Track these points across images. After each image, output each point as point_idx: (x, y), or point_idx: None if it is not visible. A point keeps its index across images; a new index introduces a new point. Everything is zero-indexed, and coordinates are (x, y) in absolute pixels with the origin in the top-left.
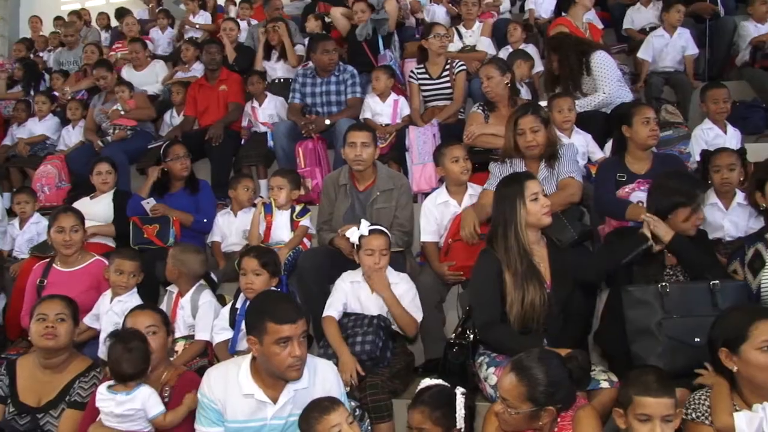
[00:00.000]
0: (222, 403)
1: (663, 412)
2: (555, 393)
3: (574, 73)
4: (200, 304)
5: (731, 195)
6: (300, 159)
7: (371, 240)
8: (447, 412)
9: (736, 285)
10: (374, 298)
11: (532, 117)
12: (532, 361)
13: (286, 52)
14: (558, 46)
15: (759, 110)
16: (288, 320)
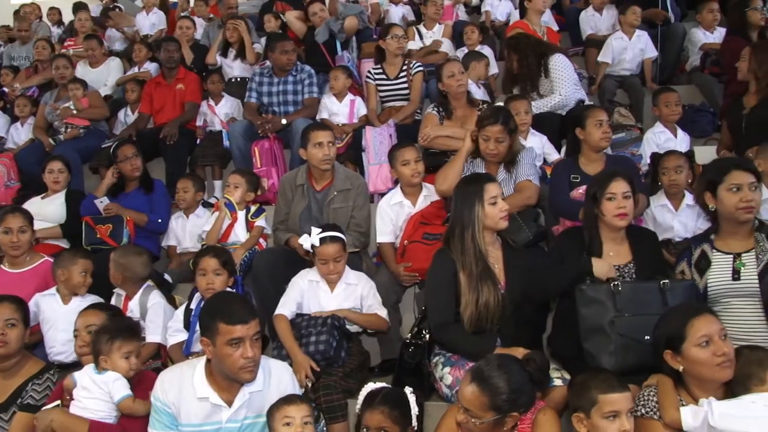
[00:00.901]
0: (176, 406)
1: (628, 406)
2: (518, 399)
3: (532, 73)
4: (149, 306)
5: (681, 196)
6: (256, 159)
7: (323, 249)
8: (404, 412)
9: (684, 284)
10: (333, 298)
11: (500, 128)
12: (493, 370)
13: (245, 50)
14: (517, 46)
15: (707, 114)
16: (240, 321)
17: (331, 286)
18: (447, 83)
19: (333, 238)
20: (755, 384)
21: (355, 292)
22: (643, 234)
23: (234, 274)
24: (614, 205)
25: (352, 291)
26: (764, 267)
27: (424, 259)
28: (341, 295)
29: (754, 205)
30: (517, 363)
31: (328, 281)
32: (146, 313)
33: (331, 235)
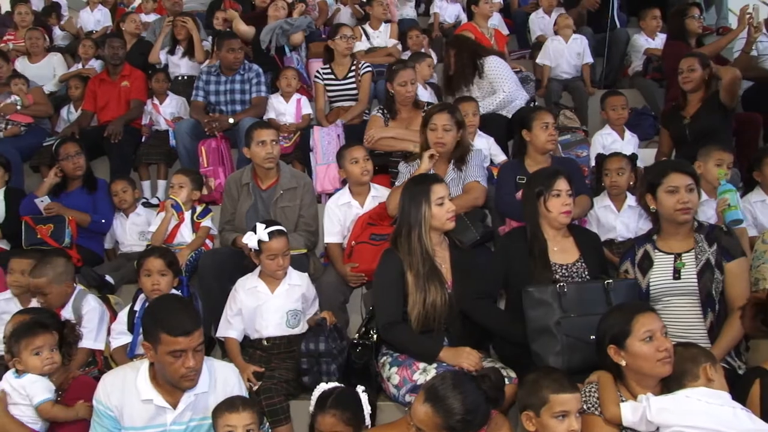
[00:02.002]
0: (119, 409)
1: (577, 406)
2: (473, 420)
3: (466, 73)
4: (84, 312)
5: (623, 198)
6: (203, 158)
7: (272, 244)
8: (356, 412)
9: (627, 283)
10: (275, 298)
11: (447, 115)
12: (447, 390)
13: (194, 48)
14: (456, 44)
15: (649, 117)
16: (183, 332)
17: (272, 287)
18: (398, 90)
19: (280, 231)
20: (689, 380)
21: (298, 293)
22: (587, 234)
23: (179, 275)
24: (560, 202)
25: (294, 291)
26: (703, 266)
27: (372, 259)
28: (283, 296)
29: (691, 206)
30: (472, 381)
31: (273, 279)
32: (81, 319)
33: (278, 229)
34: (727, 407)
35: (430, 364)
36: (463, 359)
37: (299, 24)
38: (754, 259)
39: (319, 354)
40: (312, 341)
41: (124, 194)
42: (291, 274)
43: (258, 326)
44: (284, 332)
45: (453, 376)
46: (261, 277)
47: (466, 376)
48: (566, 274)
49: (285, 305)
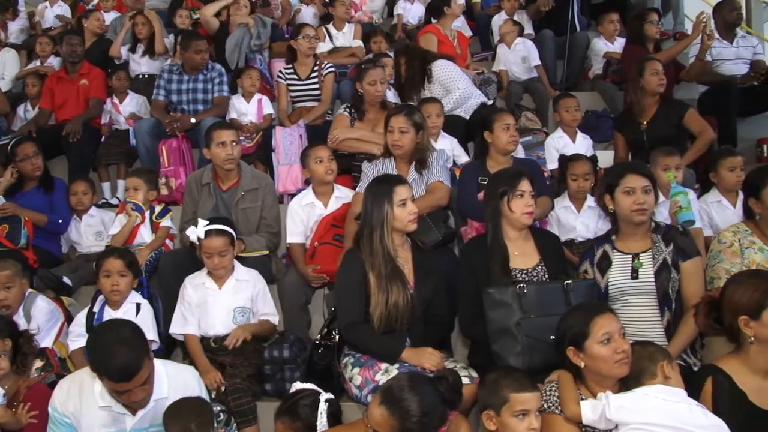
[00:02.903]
0: (76, 416)
1: (537, 405)
2: (429, 422)
3: (416, 81)
4: (34, 313)
5: (583, 198)
6: (163, 158)
7: (208, 242)
8: (310, 422)
9: (586, 283)
10: (221, 294)
11: (404, 118)
12: (403, 392)
13: (155, 43)
14: (405, 51)
15: (608, 120)
16: (123, 379)
17: (219, 283)
18: (367, 89)
19: (219, 231)
20: (647, 378)
21: (246, 289)
22: (548, 237)
23: (139, 276)
24: (524, 203)
25: (242, 287)
26: (660, 266)
27: (334, 260)
28: (230, 292)
29: (647, 207)
30: (429, 383)
31: (215, 278)
32: (31, 320)
33: (216, 228)
34: (682, 404)
35: (392, 365)
36: (425, 359)
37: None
38: (710, 259)
39: (283, 361)
40: (276, 348)
41: (84, 196)
42: (238, 269)
43: (205, 324)
44: (231, 330)
45: (409, 378)
46: (209, 273)
47: (422, 378)
48: (527, 279)
49: (233, 302)
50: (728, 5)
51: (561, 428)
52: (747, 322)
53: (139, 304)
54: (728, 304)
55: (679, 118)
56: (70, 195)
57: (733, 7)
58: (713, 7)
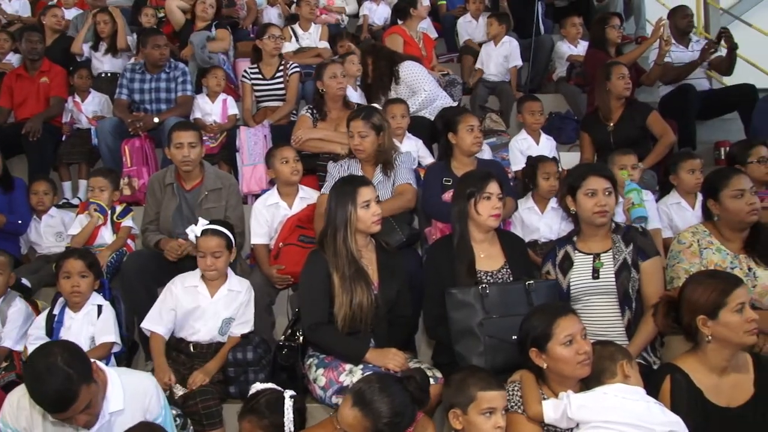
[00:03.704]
0: (28, 430)
1: (503, 404)
2: (400, 422)
3: (384, 82)
4: (9, 312)
5: (547, 200)
6: (126, 158)
7: (203, 241)
8: (276, 419)
9: (548, 284)
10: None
11: (363, 122)
12: (375, 393)
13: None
14: (373, 52)
15: (572, 122)
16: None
17: (212, 290)
18: (327, 83)
19: (215, 231)
20: (607, 377)
21: (236, 300)
22: (513, 239)
23: (100, 277)
24: (491, 205)
25: (233, 298)
26: (620, 266)
27: (299, 261)
28: (221, 302)
29: (608, 209)
30: (398, 383)
31: (208, 281)
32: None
33: (213, 228)
34: (641, 402)
35: (357, 366)
36: (389, 360)
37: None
38: (670, 259)
39: (247, 363)
40: (240, 350)
41: (45, 197)
42: (231, 279)
43: (189, 328)
44: (214, 339)
45: (379, 379)
46: (203, 277)
47: (391, 378)
48: (491, 281)
49: (222, 312)
50: (680, 13)
51: (524, 427)
52: (705, 321)
53: (100, 305)
54: (687, 303)
55: (643, 120)
56: (30, 194)
57: (685, 14)
58: (668, 12)
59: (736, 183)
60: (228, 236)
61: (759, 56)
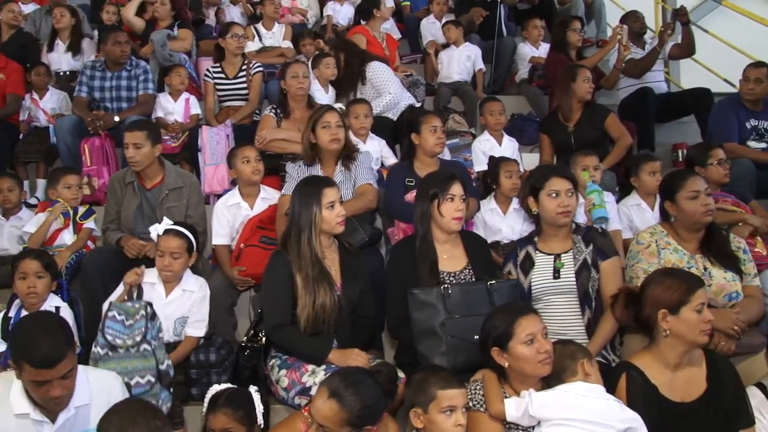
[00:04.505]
0: None
1: (464, 402)
2: (374, 413)
3: (354, 79)
4: None
5: (509, 201)
6: (86, 157)
7: (163, 240)
8: (248, 411)
9: (510, 284)
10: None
11: (336, 113)
12: (350, 386)
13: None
14: (345, 47)
15: (534, 123)
16: (44, 365)
17: (167, 290)
18: (289, 83)
19: (177, 231)
20: (568, 376)
21: (190, 299)
22: (476, 240)
23: (58, 278)
24: (454, 207)
25: (187, 298)
26: (580, 266)
27: (260, 263)
28: (175, 302)
29: (571, 209)
30: (371, 376)
31: (165, 281)
32: None
33: (175, 229)
34: (601, 400)
35: (319, 366)
36: (351, 361)
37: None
38: (629, 259)
39: (209, 365)
40: (202, 352)
41: (10, 194)
42: (187, 279)
43: None
44: (171, 339)
45: (352, 372)
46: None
47: (363, 371)
48: (454, 282)
49: (176, 312)
50: (631, 17)
51: (486, 426)
52: (665, 315)
53: (58, 307)
54: (651, 297)
55: (601, 122)
56: None
57: (636, 18)
58: (620, 18)
59: (691, 185)
60: (189, 239)
61: (714, 61)
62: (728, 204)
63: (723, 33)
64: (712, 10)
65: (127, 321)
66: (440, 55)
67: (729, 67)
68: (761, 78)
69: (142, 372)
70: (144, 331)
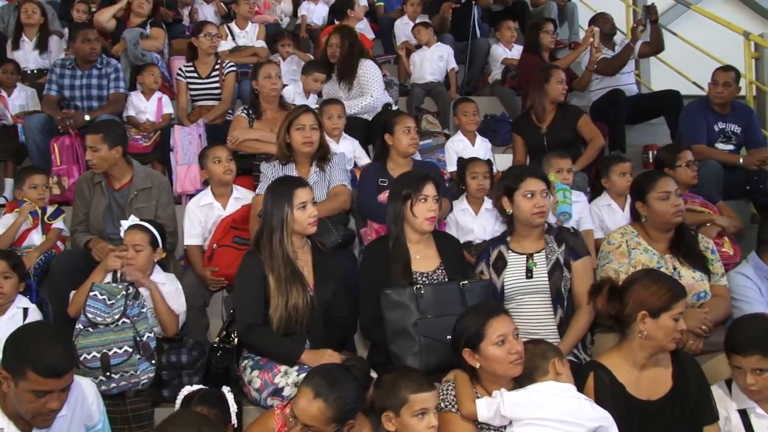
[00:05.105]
0: None
1: (435, 403)
2: (356, 408)
3: (352, 70)
4: None
5: (481, 201)
6: (55, 156)
7: (127, 235)
8: (223, 411)
9: (482, 284)
10: None
11: (312, 116)
12: (333, 384)
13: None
14: (350, 36)
15: (507, 124)
16: (54, 374)
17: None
18: (262, 83)
19: (139, 226)
20: (539, 375)
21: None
22: (449, 240)
23: (26, 279)
24: (426, 207)
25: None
26: (553, 265)
27: (233, 263)
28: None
29: (545, 210)
30: (349, 372)
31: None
32: None
33: (139, 224)
34: (572, 398)
35: (292, 367)
36: (324, 361)
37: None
38: (600, 259)
39: (181, 366)
40: (174, 353)
41: None
42: (157, 273)
43: None
44: None
45: (332, 369)
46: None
47: (341, 368)
48: (427, 282)
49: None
50: (601, 19)
51: (457, 426)
52: (645, 317)
53: (26, 308)
54: (634, 298)
55: (574, 123)
56: None
57: (606, 20)
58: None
59: (662, 185)
60: (153, 233)
61: (683, 64)
62: (696, 205)
63: (692, 37)
64: (681, 14)
65: (109, 300)
66: (413, 56)
67: (697, 70)
68: (729, 82)
69: (119, 343)
70: (123, 309)
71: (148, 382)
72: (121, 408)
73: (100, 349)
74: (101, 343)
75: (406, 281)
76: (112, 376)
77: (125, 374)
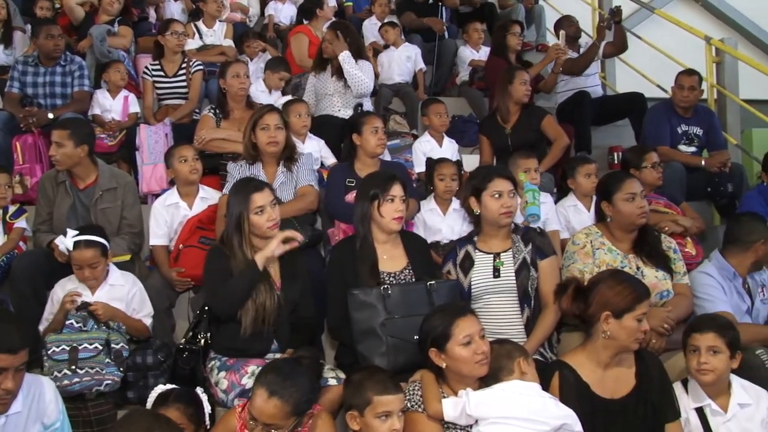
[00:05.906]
0: None
1: (400, 407)
2: (313, 399)
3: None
4: None
5: (449, 201)
6: (17, 154)
7: (77, 254)
8: (197, 410)
9: (449, 284)
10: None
11: (277, 115)
12: (286, 379)
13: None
14: (346, 32)
15: (474, 125)
16: (6, 350)
17: (93, 289)
18: (230, 83)
19: (87, 242)
20: (505, 374)
21: (121, 292)
22: (416, 240)
23: None
24: (393, 208)
25: (117, 292)
26: (520, 265)
27: (199, 264)
28: (104, 298)
29: (513, 210)
30: (299, 364)
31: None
32: None
33: (85, 240)
34: (537, 397)
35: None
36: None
37: None
38: (565, 260)
39: (147, 367)
40: (140, 354)
41: None
42: (112, 273)
43: None
44: None
45: (282, 365)
46: None
47: (290, 361)
48: (394, 282)
49: None
50: (566, 22)
51: (424, 426)
52: (608, 317)
53: None
54: (599, 298)
55: (538, 123)
56: None
57: (570, 23)
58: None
59: (628, 187)
60: (102, 244)
61: (647, 67)
62: (661, 206)
63: (655, 40)
64: (645, 18)
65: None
66: (380, 57)
67: (660, 73)
68: (694, 85)
69: (90, 341)
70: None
71: (111, 385)
72: (83, 411)
73: (70, 344)
74: (71, 340)
75: (374, 281)
76: (77, 371)
77: (90, 370)
